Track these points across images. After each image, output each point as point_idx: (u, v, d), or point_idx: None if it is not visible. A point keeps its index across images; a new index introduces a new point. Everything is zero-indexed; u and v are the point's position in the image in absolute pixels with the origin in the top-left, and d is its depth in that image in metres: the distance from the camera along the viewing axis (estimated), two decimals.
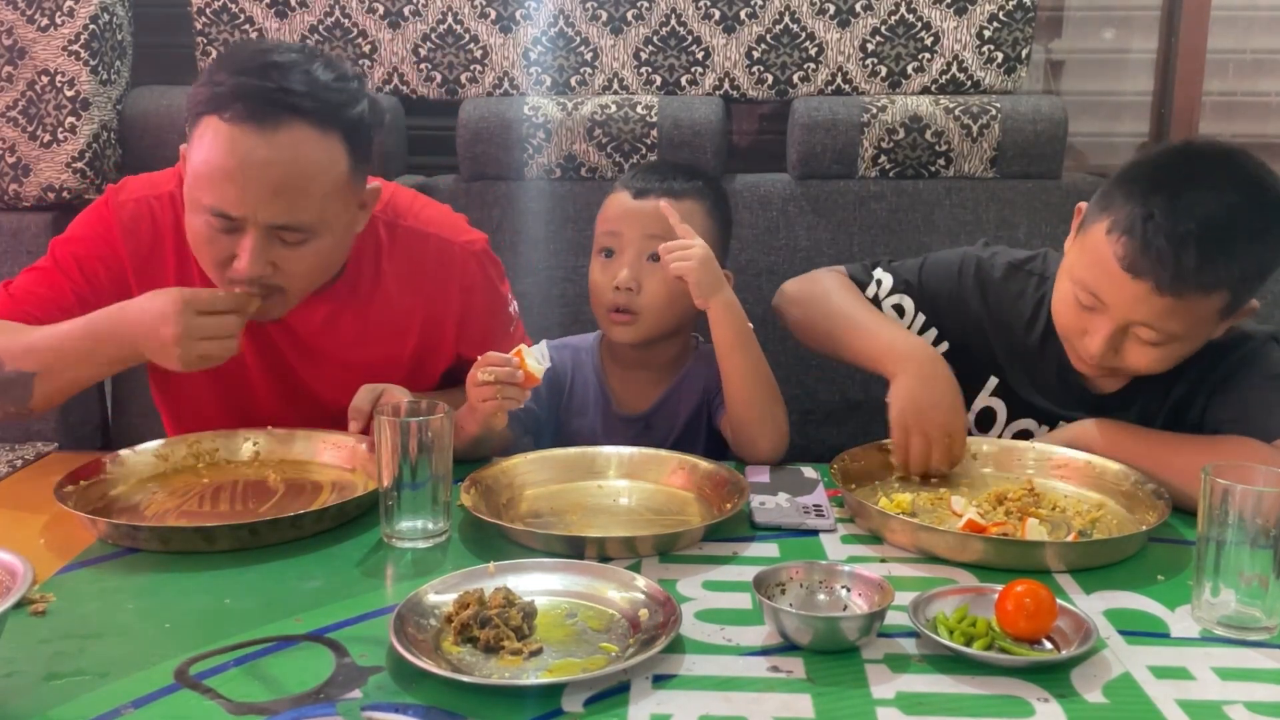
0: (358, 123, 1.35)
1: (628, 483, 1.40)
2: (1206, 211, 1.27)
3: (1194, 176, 1.31)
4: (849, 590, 1.06)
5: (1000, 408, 1.55)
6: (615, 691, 0.92)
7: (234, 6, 2.13)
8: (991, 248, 1.61)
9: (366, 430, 1.40)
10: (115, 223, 1.46)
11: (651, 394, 1.61)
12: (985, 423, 1.56)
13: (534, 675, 0.94)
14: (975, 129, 2.04)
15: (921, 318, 1.58)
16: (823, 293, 1.59)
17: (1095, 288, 1.33)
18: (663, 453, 1.42)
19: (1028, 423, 1.53)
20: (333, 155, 1.33)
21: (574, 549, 1.18)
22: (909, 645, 1.00)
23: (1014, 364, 1.50)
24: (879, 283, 1.60)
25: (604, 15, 2.12)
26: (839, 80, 2.13)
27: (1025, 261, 1.56)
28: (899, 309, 1.58)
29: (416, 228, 1.52)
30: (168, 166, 1.59)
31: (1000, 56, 2.10)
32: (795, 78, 2.13)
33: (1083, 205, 1.43)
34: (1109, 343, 1.34)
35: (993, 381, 1.55)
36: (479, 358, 1.31)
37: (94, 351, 1.37)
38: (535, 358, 1.29)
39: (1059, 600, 1.01)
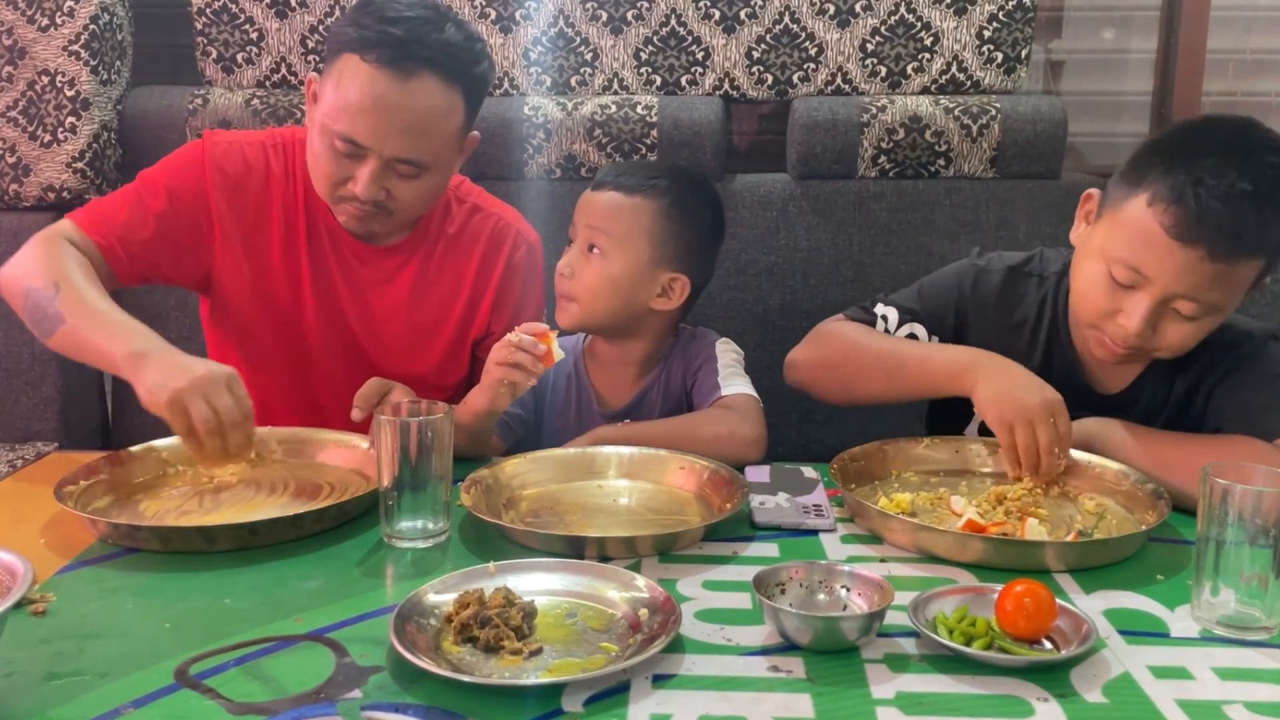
0: (478, 80, 1.52)
1: (628, 483, 1.40)
2: (1255, 173, 1.27)
3: (1229, 142, 1.32)
4: (849, 590, 1.06)
5: None
6: (615, 691, 0.92)
7: (234, 6, 2.13)
8: (986, 255, 1.60)
9: (367, 423, 1.41)
10: (207, 160, 1.57)
11: (631, 390, 1.61)
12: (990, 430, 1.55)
13: (534, 675, 0.94)
14: (975, 129, 2.04)
15: (936, 339, 1.56)
16: (850, 345, 1.55)
17: (1137, 263, 1.32)
18: (663, 453, 1.42)
19: None
20: (453, 106, 1.49)
21: (574, 549, 1.18)
22: (909, 645, 1.00)
23: None
24: (884, 318, 1.57)
25: (604, 15, 2.12)
26: (839, 80, 2.13)
27: (1023, 264, 1.56)
28: (913, 337, 1.57)
29: (480, 205, 1.68)
30: None
31: (1000, 56, 2.10)
32: (795, 78, 2.13)
33: (1093, 191, 1.43)
34: (1147, 320, 1.32)
35: None
36: (515, 327, 1.37)
37: (108, 349, 1.37)
38: (558, 345, 1.36)
39: (1059, 600, 1.01)
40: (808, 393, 1.60)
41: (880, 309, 1.59)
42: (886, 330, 1.58)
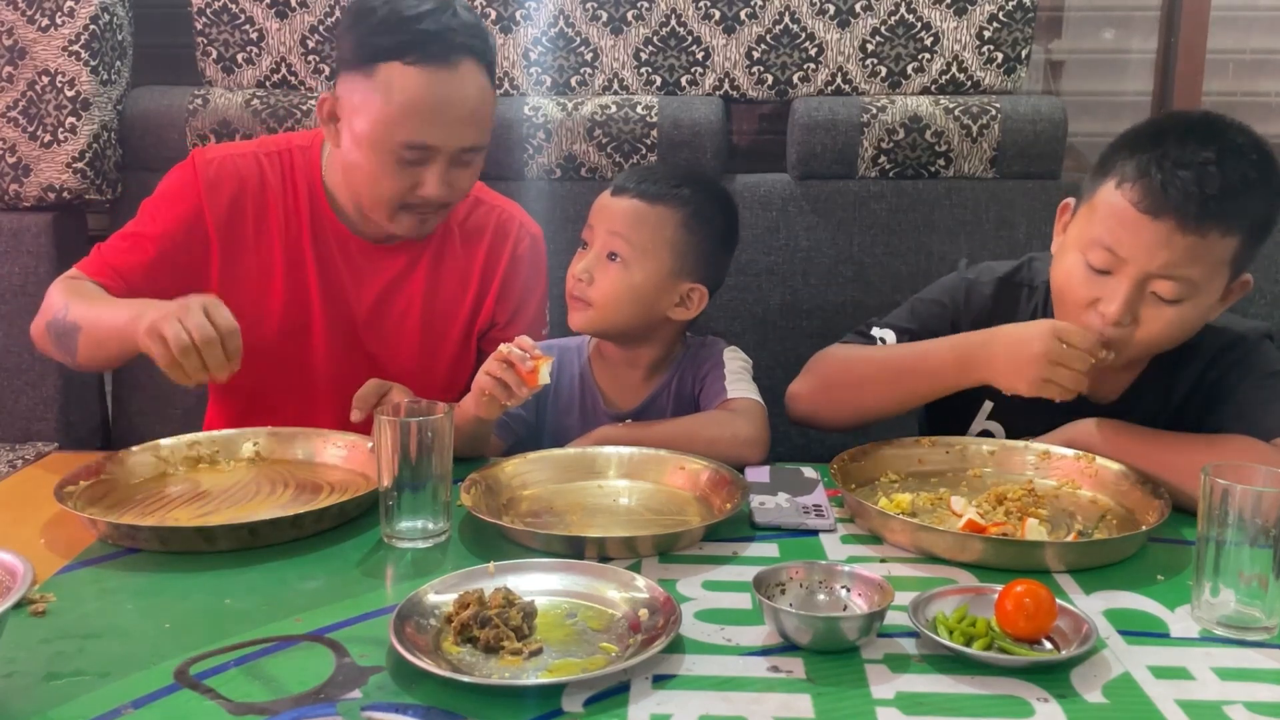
0: (494, 50, 1.54)
1: (628, 483, 1.40)
2: (1218, 146, 1.30)
3: (1194, 125, 1.34)
4: (849, 590, 1.06)
5: (998, 430, 1.53)
6: (615, 691, 0.92)
7: (234, 6, 2.12)
8: (974, 267, 1.60)
9: (366, 423, 1.40)
10: (200, 178, 1.58)
11: (640, 393, 1.61)
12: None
13: (534, 675, 0.94)
14: (975, 129, 2.04)
15: None
16: (847, 363, 1.55)
17: (1112, 243, 1.32)
18: (663, 453, 1.42)
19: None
20: (487, 82, 1.51)
21: (574, 549, 1.18)
22: (909, 645, 1.00)
23: None
24: (882, 340, 1.57)
25: (604, 15, 2.12)
26: (839, 80, 2.13)
27: (1013, 274, 1.56)
28: None
29: (482, 198, 1.69)
30: (169, 166, 1.66)
31: (1000, 57, 2.10)
32: (795, 78, 2.13)
33: (1068, 201, 1.45)
34: (1127, 303, 1.32)
35: (988, 405, 1.54)
36: (517, 338, 1.36)
37: (120, 325, 1.38)
38: (549, 369, 1.34)
39: (1059, 600, 1.01)
40: (815, 424, 1.58)
41: (877, 331, 1.58)
42: None
